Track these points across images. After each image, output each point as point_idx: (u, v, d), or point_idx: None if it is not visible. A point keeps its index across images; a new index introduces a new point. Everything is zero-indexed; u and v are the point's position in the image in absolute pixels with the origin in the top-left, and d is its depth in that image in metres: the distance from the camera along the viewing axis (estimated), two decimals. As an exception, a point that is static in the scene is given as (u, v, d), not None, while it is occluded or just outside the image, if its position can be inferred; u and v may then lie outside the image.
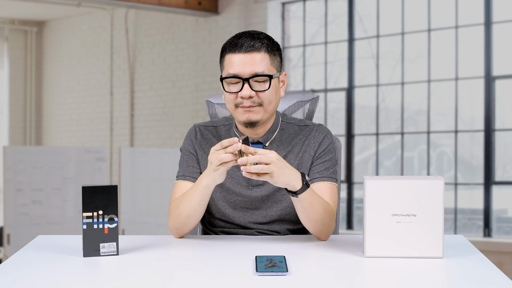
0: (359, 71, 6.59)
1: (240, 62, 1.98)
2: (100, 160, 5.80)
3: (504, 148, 5.94)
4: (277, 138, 2.10)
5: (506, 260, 5.53)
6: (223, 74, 2.03)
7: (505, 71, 5.80)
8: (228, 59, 2.01)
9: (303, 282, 1.47)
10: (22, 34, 9.30)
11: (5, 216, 5.49)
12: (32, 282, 1.50)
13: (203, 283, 1.48)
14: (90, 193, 1.72)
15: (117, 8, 8.21)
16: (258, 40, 2.00)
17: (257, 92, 1.99)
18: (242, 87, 1.98)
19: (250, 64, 1.98)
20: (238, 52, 1.98)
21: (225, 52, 2.02)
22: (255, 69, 1.98)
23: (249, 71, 1.98)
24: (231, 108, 2.03)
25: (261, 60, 1.99)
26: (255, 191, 2.07)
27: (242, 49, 1.98)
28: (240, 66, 1.98)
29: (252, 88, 1.98)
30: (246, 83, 1.98)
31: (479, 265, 1.61)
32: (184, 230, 2.00)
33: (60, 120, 9.13)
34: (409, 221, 1.67)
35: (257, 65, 1.98)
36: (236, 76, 1.98)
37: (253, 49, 1.98)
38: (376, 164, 6.47)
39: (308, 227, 1.94)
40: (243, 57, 1.98)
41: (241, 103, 1.99)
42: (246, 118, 2.00)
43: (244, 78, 1.98)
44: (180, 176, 2.10)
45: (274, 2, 6.89)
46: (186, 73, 7.54)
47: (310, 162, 2.08)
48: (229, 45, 2.01)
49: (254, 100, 1.99)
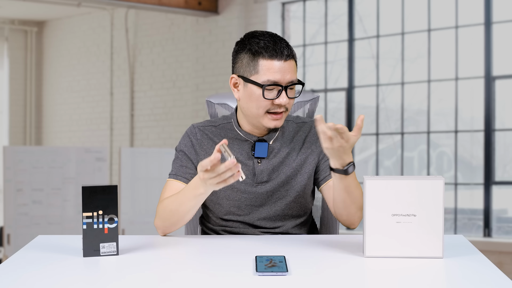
0: (359, 71, 6.59)
1: (281, 69, 1.99)
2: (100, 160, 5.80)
3: (504, 148, 5.94)
4: (279, 136, 2.12)
5: (506, 260, 5.53)
6: (258, 79, 2.00)
7: (505, 71, 5.80)
8: (267, 65, 1.99)
9: (303, 282, 1.47)
10: (22, 34, 9.30)
11: (5, 216, 5.49)
12: (32, 282, 1.50)
13: (203, 283, 1.48)
14: (90, 193, 1.72)
15: (117, 8, 8.21)
16: (289, 47, 2.02)
17: (289, 99, 2.02)
18: (279, 94, 2.00)
19: (289, 72, 2.00)
20: (279, 59, 1.99)
21: (260, 56, 2.00)
22: (293, 77, 2.01)
23: (288, 78, 2.00)
24: (259, 113, 2.02)
25: (295, 68, 2.03)
26: (260, 187, 2.08)
27: (283, 56, 1.99)
28: (281, 73, 1.99)
29: (288, 96, 2.01)
30: (284, 91, 2.00)
31: (479, 265, 1.61)
32: (171, 229, 2.03)
33: (60, 120, 9.13)
34: (409, 221, 1.67)
35: (294, 73, 2.02)
36: (277, 83, 1.99)
37: (291, 57, 2.01)
38: (376, 164, 6.47)
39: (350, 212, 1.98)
40: (284, 65, 1.99)
41: (273, 109, 2.02)
42: (274, 125, 2.04)
43: (284, 86, 2.00)
44: (172, 175, 2.10)
45: (274, 2, 6.89)
46: (186, 73, 7.54)
47: (315, 158, 2.11)
48: (265, 50, 1.99)
49: (286, 106, 2.03)
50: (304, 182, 2.10)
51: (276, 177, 2.08)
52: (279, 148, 2.10)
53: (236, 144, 2.11)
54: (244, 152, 2.10)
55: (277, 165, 2.09)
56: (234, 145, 2.10)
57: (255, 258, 1.64)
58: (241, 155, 2.09)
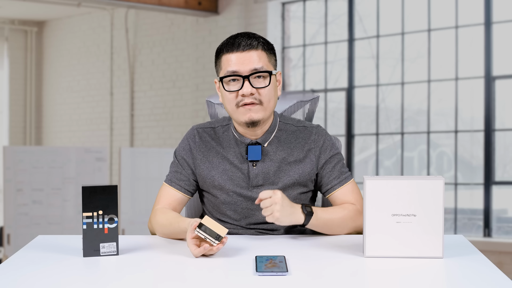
0: (359, 71, 6.59)
1: (239, 60, 1.98)
2: (100, 160, 5.80)
3: (504, 148, 5.94)
4: (276, 138, 2.10)
5: (506, 260, 5.53)
6: (221, 74, 2.03)
7: (505, 71, 5.80)
8: (225, 58, 2.01)
9: (303, 282, 1.47)
10: (22, 34, 9.30)
11: (5, 216, 5.49)
12: (32, 282, 1.50)
13: (203, 283, 1.48)
14: (90, 193, 1.72)
15: (117, 8, 8.21)
16: (254, 39, 2.01)
17: (257, 89, 1.99)
18: (242, 85, 1.98)
19: (249, 61, 1.98)
20: (235, 51, 1.99)
21: (222, 53, 2.02)
22: (254, 65, 1.99)
23: (248, 68, 1.98)
24: (231, 108, 2.02)
25: (259, 57, 2.00)
26: (255, 192, 2.07)
27: (240, 47, 1.99)
28: (239, 64, 1.98)
29: (253, 85, 1.98)
30: (246, 80, 1.98)
31: (479, 265, 1.61)
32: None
33: (60, 120, 9.13)
34: (409, 221, 1.67)
35: (255, 62, 1.99)
36: (236, 73, 1.98)
37: (250, 47, 1.99)
38: (376, 164, 6.47)
39: (348, 231, 2.05)
40: (241, 55, 1.99)
41: (241, 101, 1.99)
42: (248, 118, 2.00)
43: (244, 75, 1.98)
44: (168, 180, 2.14)
45: (274, 2, 6.89)
46: (186, 73, 7.54)
47: (313, 168, 2.09)
48: (225, 46, 2.01)
49: (255, 97, 1.99)
50: (300, 191, 2.09)
51: (272, 182, 2.07)
52: (275, 151, 2.08)
53: (231, 147, 2.10)
54: (239, 155, 2.09)
55: (273, 169, 2.07)
56: (230, 148, 2.10)
57: (255, 258, 1.64)
58: (236, 158, 2.08)
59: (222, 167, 2.08)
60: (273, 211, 1.84)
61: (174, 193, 2.11)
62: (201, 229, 1.68)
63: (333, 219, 1.98)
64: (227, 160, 2.09)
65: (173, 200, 2.11)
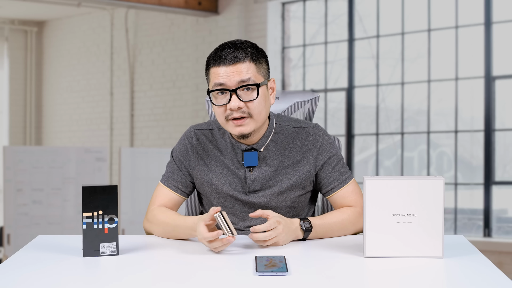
0: (359, 71, 6.59)
1: (225, 73, 1.96)
2: (100, 160, 5.80)
3: (504, 148, 5.94)
4: (272, 142, 2.08)
5: (506, 260, 5.53)
6: (210, 87, 2.01)
7: (505, 71, 5.80)
8: (213, 72, 1.99)
9: (303, 282, 1.47)
10: (22, 34, 9.30)
11: (5, 216, 5.49)
12: (32, 282, 1.50)
13: (203, 283, 1.48)
14: (90, 193, 1.72)
15: (117, 8, 8.21)
16: (241, 50, 1.97)
17: (245, 103, 1.97)
18: (230, 99, 1.96)
19: (236, 74, 1.95)
20: (222, 64, 1.96)
21: (210, 65, 2.00)
22: (241, 77, 1.95)
23: (235, 81, 1.95)
24: (221, 121, 2.01)
25: (247, 69, 1.96)
26: (252, 196, 2.06)
27: (227, 61, 1.96)
28: (226, 77, 1.96)
29: (240, 99, 1.96)
30: (233, 94, 1.96)
31: (479, 265, 1.61)
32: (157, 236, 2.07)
33: (60, 120, 9.13)
34: (409, 221, 1.67)
35: (243, 74, 1.96)
36: (223, 87, 1.96)
37: (237, 60, 1.96)
38: (376, 164, 6.47)
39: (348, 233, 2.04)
40: (228, 69, 1.96)
41: (230, 114, 1.97)
42: (238, 132, 1.99)
43: (231, 89, 1.96)
44: (164, 181, 2.15)
45: (274, 2, 6.89)
46: (186, 73, 7.54)
47: (311, 169, 2.07)
48: (213, 58, 1.99)
49: (244, 110, 1.97)
50: (299, 193, 2.08)
51: (269, 186, 2.06)
52: (271, 156, 2.07)
53: (228, 152, 2.09)
54: (235, 160, 2.08)
55: (270, 174, 2.06)
56: (227, 152, 2.09)
57: (255, 258, 1.64)
58: (233, 164, 2.07)
59: (220, 170, 2.08)
60: (278, 242, 1.84)
61: (170, 193, 2.12)
62: (222, 215, 1.75)
63: (332, 227, 1.98)
64: (224, 165, 2.08)
65: (168, 200, 2.11)
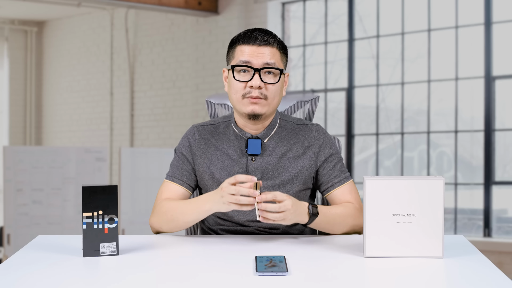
0: (359, 71, 6.59)
1: (253, 52, 2.01)
2: (100, 160, 5.80)
3: (504, 148, 5.94)
4: (276, 135, 2.11)
5: (506, 260, 5.53)
6: (232, 63, 2.05)
7: (505, 71, 5.80)
8: (240, 49, 2.03)
9: (303, 282, 1.47)
10: (22, 34, 9.30)
11: (5, 216, 5.49)
12: (32, 282, 1.50)
13: (203, 283, 1.48)
14: (90, 193, 1.72)
15: (117, 8, 8.21)
16: (271, 36, 2.04)
17: (266, 84, 2.02)
18: (252, 77, 2.00)
19: (263, 55, 2.01)
20: (252, 44, 2.02)
21: (237, 43, 2.05)
22: (267, 60, 2.01)
23: (261, 61, 2.01)
24: (237, 98, 2.04)
25: (273, 54, 2.03)
26: None
27: (257, 42, 2.02)
28: (253, 56, 2.01)
29: (262, 80, 2.01)
30: (257, 73, 2.00)
31: (479, 265, 1.61)
32: (166, 232, 2.06)
33: (60, 120, 9.13)
34: (409, 221, 1.67)
35: (269, 57, 2.02)
36: (248, 64, 2.01)
37: (266, 43, 2.02)
38: (376, 164, 6.47)
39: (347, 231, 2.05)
40: (256, 49, 2.02)
41: (248, 93, 2.02)
42: (251, 110, 2.02)
43: (256, 68, 2.00)
44: (169, 176, 2.13)
45: (274, 2, 6.89)
46: (186, 73, 7.54)
47: (311, 165, 2.10)
48: (242, 37, 2.04)
49: (262, 91, 2.02)
50: (300, 188, 2.09)
51: (270, 177, 2.07)
52: (274, 147, 2.09)
53: (231, 142, 2.11)
54: (238, 149, 2.10)
55: (272, 165, 2.08)
56: (230, 142, 2.11)
57: (255, 258, 1.64)
58: (235, 153, 2.09)
59: (221, 163, 2.09)
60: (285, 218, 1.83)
61: (176, 188, 2.10)
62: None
63: (334, 217, 1.99)
64: (226, 155, 2.09)
65: (175, 195, 2.10)
